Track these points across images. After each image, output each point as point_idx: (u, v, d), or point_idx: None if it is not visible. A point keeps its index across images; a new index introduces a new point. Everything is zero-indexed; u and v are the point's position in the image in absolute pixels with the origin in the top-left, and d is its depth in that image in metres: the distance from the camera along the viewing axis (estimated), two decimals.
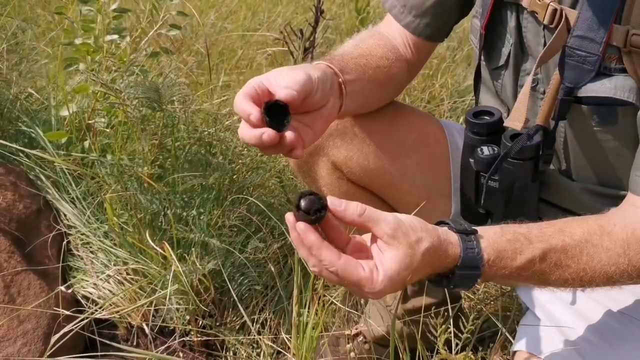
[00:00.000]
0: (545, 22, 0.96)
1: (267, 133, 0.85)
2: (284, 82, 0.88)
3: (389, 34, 1.17)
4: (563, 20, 0.94)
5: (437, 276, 0.83)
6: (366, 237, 0.83)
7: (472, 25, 1.13)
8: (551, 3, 0.95)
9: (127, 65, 1.54)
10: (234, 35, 2.73)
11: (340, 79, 1.00)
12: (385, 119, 1.17)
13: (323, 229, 0.81)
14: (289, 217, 0.79)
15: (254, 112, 0.84)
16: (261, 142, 0.85)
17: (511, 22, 1.04)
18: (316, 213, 0.78)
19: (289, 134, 0.88)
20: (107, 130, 1.66)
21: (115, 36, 1.54)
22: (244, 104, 0.86)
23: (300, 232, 0.78)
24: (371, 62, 1.10)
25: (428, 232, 0.80)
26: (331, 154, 1.18)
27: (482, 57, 1.11)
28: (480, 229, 0.84)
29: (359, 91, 1.06)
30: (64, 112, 1.68)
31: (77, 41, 1.57)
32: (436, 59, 2.69)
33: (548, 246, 0.85)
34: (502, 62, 1.08)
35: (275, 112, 0.86)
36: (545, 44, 0.99)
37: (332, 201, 0.79)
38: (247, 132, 0.86)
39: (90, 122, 1.66)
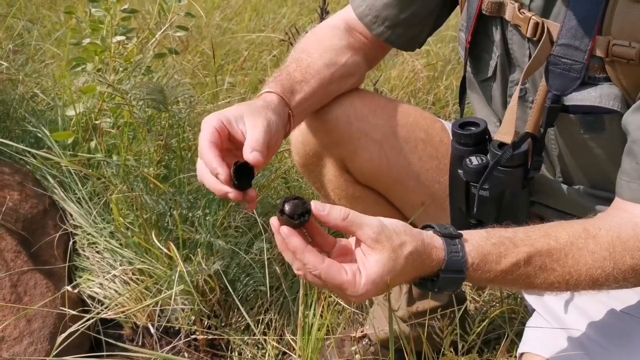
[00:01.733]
0: (528, 35, 0.98)
1: (234, 194, 0.90)
2: (248, 138, 0.93)
3: (344, 26, 1.19)
4: (545, 33, 0.95)
5: (421, 279, 0.84)
6: (352, 241, 0.84)
7: (459, 38, 1.15)
8: (533, 17, 0.96)
9: (134, 66, 1.55)
10: (239, 36, 2.74)
11: (289, 110, 1.05)
12: (389, 116, 1.18)
13: (309, 233, 0.82)
14: (273, 221, 0.81)
15: (222, 172, 0.90)
16: (225, 198, 0.91)
17: (496, 36, 1.05)
18: (300, 217, 0.79)
19: (250, 191, 0.92)
20: (113, 130, 1.67)
21: (123, 37, 1.54)
22: (212, 159, 0.91)
23: (284, 236, 0.79)
24: (320, 65, 1.12)
25: (412, 236, 0.81)
26: (337, 153, 1.18)
27: (470, 70, 1.13)
28: (466, 233, 0.85)
29: (309, 106, 1.10)
30: (71, 112, 1.69)
31: (85, 41, 1.57)
32: (441, 61, 2.69)
33: (533, 250, 0.85)
34: (490, 73, 1.09)
35: (241, 172, 0.91)
36: (530, 56, 1.01)
37: (315, 205, 0.80)
38: (213, 185, 0.91)
39: (96, 122, 1.66)
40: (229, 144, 0.96)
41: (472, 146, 1.04)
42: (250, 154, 0.91)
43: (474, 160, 1.03)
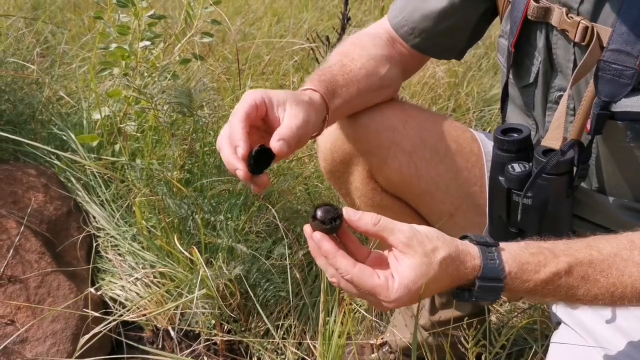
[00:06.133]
0: (577, 39, 0.96)
1: (243, 174, 0.88)
2: (283, 125, 0.92)
3: (386, 37, 1.19)
4: (595, 37, 0.93)
5: (458, 289, 0.83)
6: (387, 253, 0.83)
7: (498, 44, 1.14)
8: (582, 21, 0.94)
9: (160, 70, 1.56)
10: (260, 41, 2.75)
11: (326, 113, 1.04)
12: (419, 127, 1.18)
13: (342, 242, 0.82)
14: (306, 228, 0.81)
15: (243, 147, 0.88)
16: (233, 173, 0.90)
17: (540, 41, 1.04)
18: (331, 222, 0.80)
19: (262, 176, 0.91)
20: (137, 134, 1.68)
21: (149, 42, 1.56)
22: (239, 131, 0.89)
23: (316, 241, 0.80)
24: (362, 74, 1.12)
25: (445, 242, 0.80)
26: (366, 162, 1.18)
27: (511, 76, 1.11)
28: (503, 243, 0.84)
29: (342, 112, 1.10)
30: (97, 115, 1.70)
31: (113, 46, 1.59)
32: (462, 67, 2.68)
33: (574, 260, 0.83)
34: (531, 79, 1.08)
35: (261, 156, 0.91)
36: (575, 61, 0.99)
37: (347, 211, 0.80)
38: (227, 156, 0.89)
39: (121, 126, 1.68)
40: (261, 124, 0.95)
41: (514, 153, 1.03)
42: (277, 142, 0.90)
43: (517, 167, 1.01)
